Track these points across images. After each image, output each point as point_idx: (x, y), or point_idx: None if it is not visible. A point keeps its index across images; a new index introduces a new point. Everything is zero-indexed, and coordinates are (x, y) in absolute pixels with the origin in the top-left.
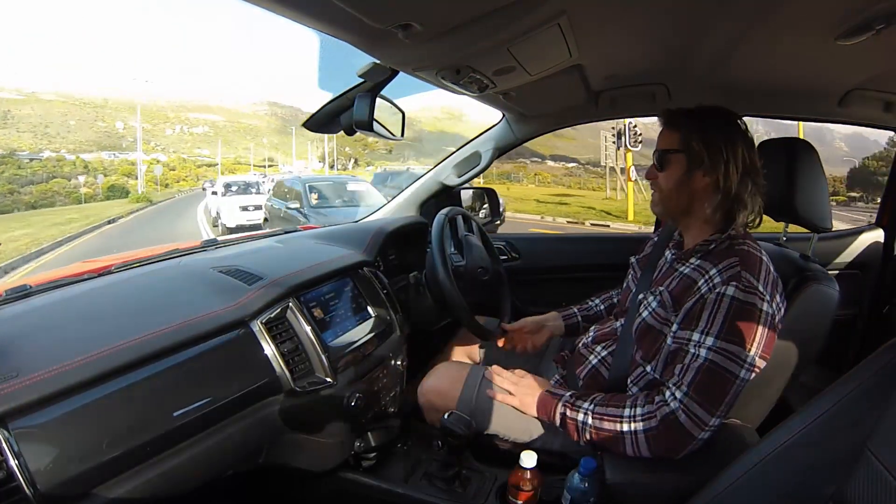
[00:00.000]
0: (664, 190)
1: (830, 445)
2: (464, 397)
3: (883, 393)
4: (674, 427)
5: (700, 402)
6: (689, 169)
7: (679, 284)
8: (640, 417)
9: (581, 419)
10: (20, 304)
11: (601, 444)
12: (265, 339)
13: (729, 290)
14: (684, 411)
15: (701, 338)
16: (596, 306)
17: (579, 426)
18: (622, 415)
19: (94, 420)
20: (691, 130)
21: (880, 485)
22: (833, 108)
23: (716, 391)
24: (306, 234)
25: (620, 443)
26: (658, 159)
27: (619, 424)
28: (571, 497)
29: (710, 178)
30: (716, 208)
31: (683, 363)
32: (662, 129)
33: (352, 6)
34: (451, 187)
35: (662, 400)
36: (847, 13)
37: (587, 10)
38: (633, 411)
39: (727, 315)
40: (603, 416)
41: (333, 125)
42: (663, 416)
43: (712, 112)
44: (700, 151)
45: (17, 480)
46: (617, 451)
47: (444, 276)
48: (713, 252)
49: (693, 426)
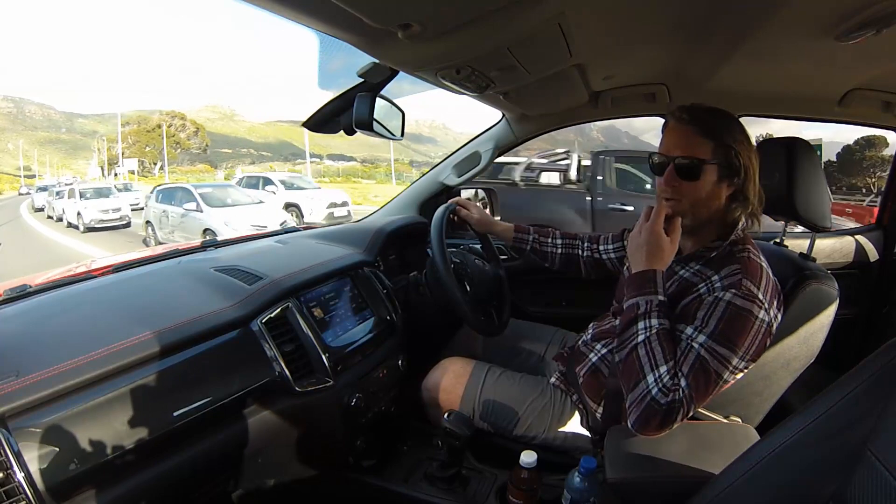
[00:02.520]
0: (690, 200)
1: (830, 445)
2: (467, 394)
3: (883, 393)
4: (673, 414)
5: (694, 397)
6: (719, 179)
7: (677, 288)
8: (662, 386)
9: (640, 327)
10: (20, 303)
11: (625, 366)
12: (265, 339)
13: (727, 296)
14: (685, 404)
15: (694, 333)
16: (552, 247)
17: (632, 331)
18: (660, 368)
19: (94, 420)
20: (723, 138)
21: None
22: (833, 108)
23: (702, 388)
24: (306, 234)
25: (633, 384)
26: (686, 167)
27: (650, 372)
28: (571, 496)
29: (736, 188)
30: (735, 219)
31: (681, 349)
32: (679, 129)
33: (352, 6)
34: (451, 187)
35: (678, 385)
36: (847, 13)
37: (587, 10)
38: (664, 375)
39: (721, 318)
40: (649, 349)
41: (333, 125)
42: (673, 400)
43: (735, 119)
44: (734, 163)
45: (17, 480)
46: (624, 386)
47: (444, 274)
48: (714, 259)
49: (680, 418)
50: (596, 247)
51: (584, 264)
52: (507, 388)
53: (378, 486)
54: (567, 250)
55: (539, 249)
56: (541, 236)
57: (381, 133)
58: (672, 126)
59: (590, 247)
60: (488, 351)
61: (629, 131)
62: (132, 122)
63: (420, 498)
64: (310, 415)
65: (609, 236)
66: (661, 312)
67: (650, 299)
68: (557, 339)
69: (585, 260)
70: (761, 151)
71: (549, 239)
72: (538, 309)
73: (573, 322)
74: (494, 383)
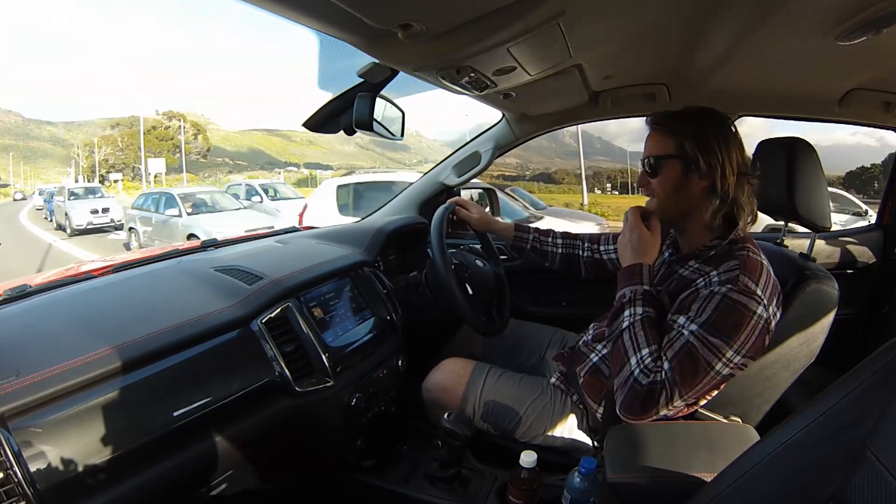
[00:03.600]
0: (660, 196)
1: (830, 445)
2: (468, 394)
3: (883, 393)
4: (654, 396)
5: (680, 382)
6: (684, 173)
7: (677, 286)
8: (643, 368)
9: (626, 314)
10: (20, 303)
11: (612, 352)
12: (266, 339)
13: (723, 290)
14: (667, 387)
15: (686, 322)
16: (552, 246)
17: (619, 319)
18: (641, 351)
19: (94, 420)
20: (685, 134)
21: (880, 485)
22: (833, 108)
23: (689, 375)
24: (306, 234)
25: (618, 369)
26: (651, 165)
27: (632, 355)
28: (571, 497)
29: (707, 182)
30: (714, 212)
31: (670, 337)
32: (651, 133)
33: (352, 6)
34: (451, 187)
35: (660, 368)
36: (847, 13)
37: (587, 10)
38: (645, 359)
39: (715, 309)
40: (633, 335)
41: (333, 125)
42: (653, 381)
43: (703, 113)
44: (695, 155)
45: (17, 480)
46: (614, 371)
47: (444, 274)
48: (713, 257)
49: (663, 402)
50: (597, 247)
51: (584, 264)
52: (508, 389)
53: (378, 486)
54: (567, 250)
55: (539, 249)
56: (541, 235)
57: (381, 133)
58: (649, 132)
59: (590, 247)
60: (488, 351)
61: (601, 136)
62: (123, 123)
63: (420, 498)
64: (310, 415)
65: (610, 237)
66: (647, 301)
67: (635, 289)
68: (557, 339)
69: (586, 260)
70: (761, 152)
71: (550, 238)
72: (538, 309)
73: (573, 322)
74: (494, 383)
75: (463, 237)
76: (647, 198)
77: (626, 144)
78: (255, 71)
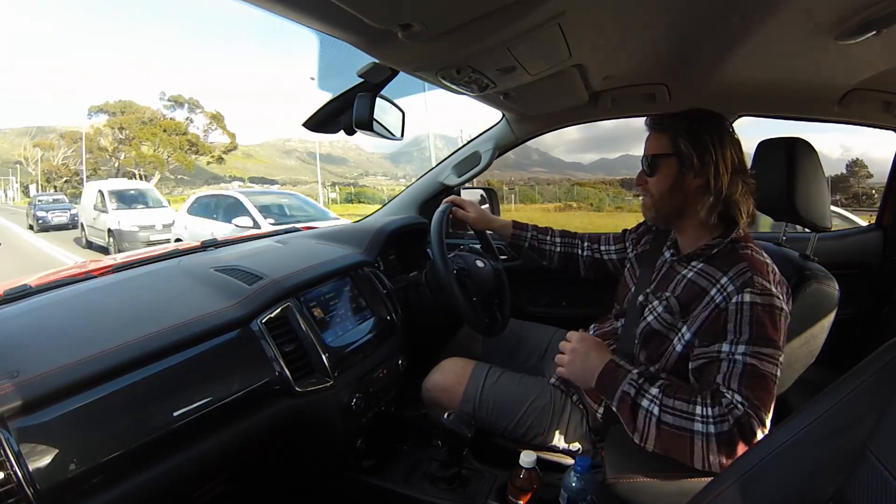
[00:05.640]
0: (656, 194)
1: (830, 445)
2: (468, 394)
3: (883, 393)
4: (746, 430)
5: (759, 405)
6: (679, 171)
7: (686, 290)
8: (712, 419)
9: (646, 406)
10: (20, 303)
11: (663, 442)
12: (266, 339)
13: (746, 297)
14: (752, 415)
15: (732, 348)
16: (551, 244)
17: (643, 414)
18: (694, 413)
19: (94, 420)
20: (679, 133)
21: (880, 485)
22: (833, 108)
23: (762, 392)
24: (306, 234)
25: (688, 443)
26: (648, 164)
27: (691, 422)
28: (568, 495)
29: (701, 180)
30: (709, 210)
31: (722, 373)
32: (650, 134)
33: (352, 6)
34: (451, 187)
35: (730, 403)
36: (847, 13)
37: (587, 9)
38: (705, 410)
39: (752, 323)
40: (672, 410)
41: (333, 125)
42: (736, 418)
43: (698, 114)
44: (689, 153)
45: (17, 480)
46: (679, 454)
47: (444, 274)
48: (716, 256)
49: (759, 429)
50: (597, 247)
51: (583, 264)
52: (508, 389)
53: (378, 486)
54: (566, 249)
55: (537, 247)
56: (539, 234)
57: (381, 133)
58: (648, 134)
59: (590, 247)
60: (488, 351)
61: (539, 147)
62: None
63: (420, 498)
64: (310, 415)
65: (610, 237)
66: (648, 379)
67: (631, 379)
68: (557, 339)
69: (585, 259)
70: (761, 152)
71: (548, 237)
72: (538, 309)
73: (573, 322)
74: (494, 383)
75: (462, 237)
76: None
77: (562, 154)
78: (200, 80)
